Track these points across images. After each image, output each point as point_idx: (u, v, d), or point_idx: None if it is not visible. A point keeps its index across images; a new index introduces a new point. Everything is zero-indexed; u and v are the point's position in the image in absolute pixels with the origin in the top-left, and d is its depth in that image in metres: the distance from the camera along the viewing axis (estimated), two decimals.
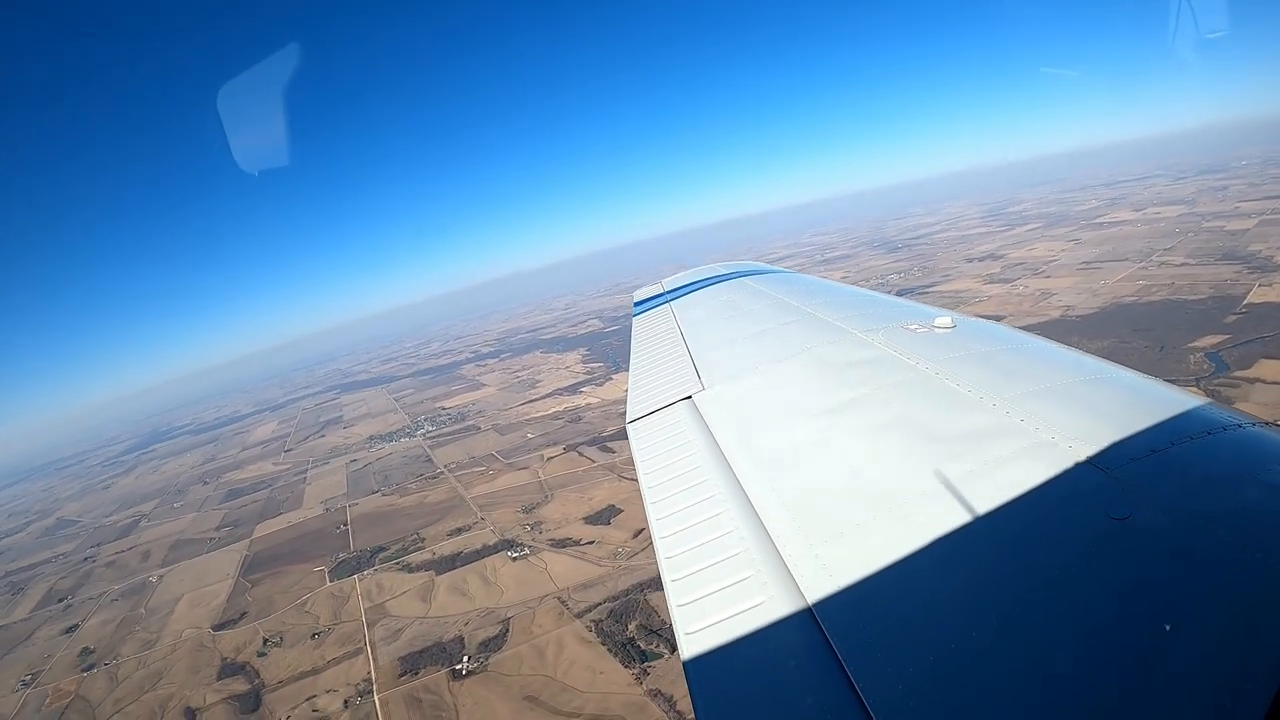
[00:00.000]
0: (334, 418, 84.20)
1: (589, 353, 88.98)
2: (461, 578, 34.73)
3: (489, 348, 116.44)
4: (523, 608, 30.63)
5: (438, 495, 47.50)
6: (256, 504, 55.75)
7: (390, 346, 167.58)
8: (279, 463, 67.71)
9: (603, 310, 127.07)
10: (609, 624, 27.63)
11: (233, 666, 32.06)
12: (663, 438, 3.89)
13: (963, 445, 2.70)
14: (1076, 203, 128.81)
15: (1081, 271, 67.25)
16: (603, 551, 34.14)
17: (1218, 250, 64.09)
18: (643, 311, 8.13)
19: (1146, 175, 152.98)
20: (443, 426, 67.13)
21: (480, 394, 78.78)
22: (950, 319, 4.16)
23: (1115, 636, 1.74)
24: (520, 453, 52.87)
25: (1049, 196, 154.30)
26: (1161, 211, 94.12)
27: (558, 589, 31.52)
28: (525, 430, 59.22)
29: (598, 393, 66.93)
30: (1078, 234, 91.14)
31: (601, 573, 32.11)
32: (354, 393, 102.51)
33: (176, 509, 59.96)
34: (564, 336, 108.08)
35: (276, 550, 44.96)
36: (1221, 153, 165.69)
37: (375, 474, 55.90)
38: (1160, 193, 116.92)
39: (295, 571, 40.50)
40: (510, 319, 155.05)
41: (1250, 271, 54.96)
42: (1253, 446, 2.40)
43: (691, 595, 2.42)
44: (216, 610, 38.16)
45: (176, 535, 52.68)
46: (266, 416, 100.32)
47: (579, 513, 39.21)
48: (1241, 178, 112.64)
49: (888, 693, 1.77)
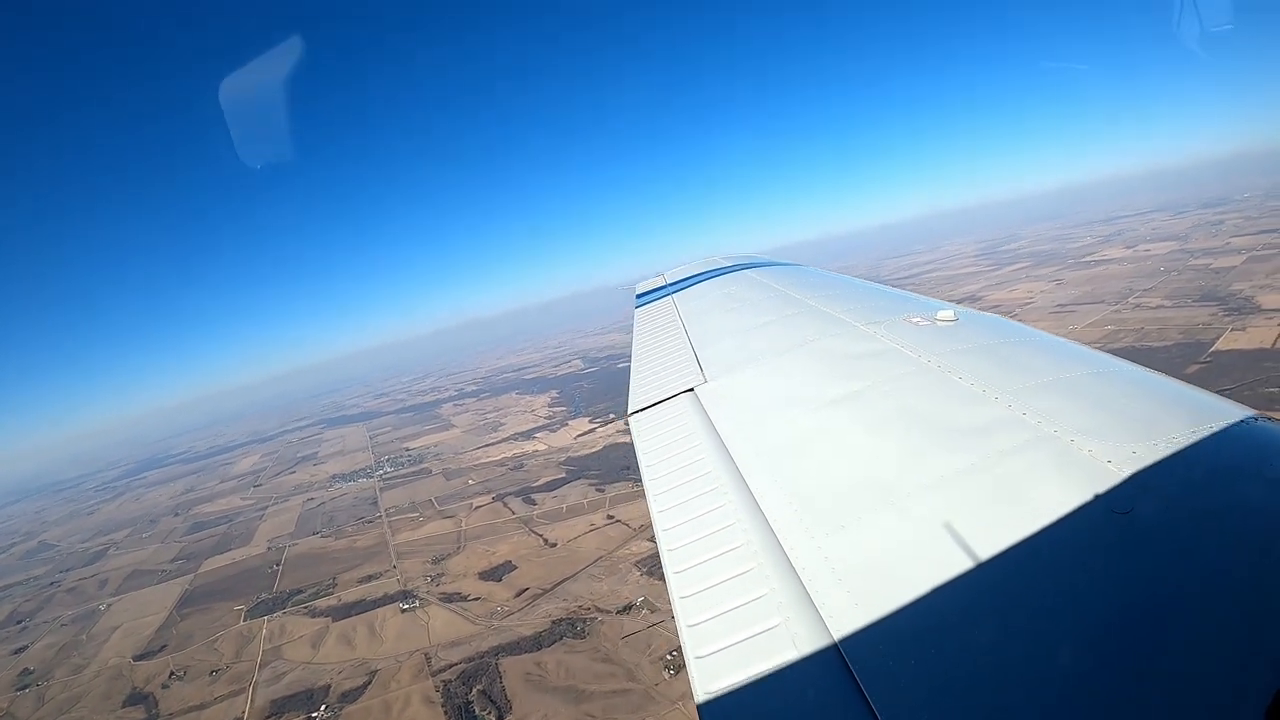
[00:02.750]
0: (310, 454, 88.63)
1: (558, 396, 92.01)
2: (353, 626, 37.22)
3: (474, 386, 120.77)
4: (392, 661, 32.91)
5: (367, 540, 50.39)
6: (213, 539, 59.46)
7: (390, 379, 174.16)
8: (246, 498, 71.79)
9: (589, 350, 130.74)
10: (456, 685, 29.68)
11: (138, 696, 34.96)
12: (664, 430, 3.94)
13: (965, 438, 2.71)
14: (1072, 240, 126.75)
15: (1054, 315, 66.13)
16: (483, 609, 36.33)
17: (1198, 290, 62.90)
18: (645, 304, 8.18)
19: (1149, 210, 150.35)
20: (400, 468, 70.46)
21: (446, 435, 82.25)
22: (953, 312, 4.18)
23: (1117, 631, 1.74)
24: (455, 500, 55.65)
25: (1047, 233, 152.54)
26: (1152, 249, 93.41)
27: (429, 645, 33.75)
28: (469, 476, 62.13)
29: (550, 439, 69.62)
30: (1062, 274, 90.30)
31: (473, 631, 34.26)
32: (339, 427, 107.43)
33: (144, 539, 64.12)
34: (544, 377, 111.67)
35: (213, 586, 48.20)
36: (1229, 183, 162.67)
37: (323, 515, 59.21)
38: (1157, 228, 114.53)
39: (219, 609, 43.57)
40: (505, 355, 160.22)
41: (1226, 314, 53.83)
42: (1256, 442, 2.37)
43: (694, 588, 2.44)
44: (143, 641, 41.27)
45: (135, 565, 56.52)
46: (253, 448, 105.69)
47: (478, 567, 41.59)
48: (1241, 211, 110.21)
49: (889, 684, 1.79)
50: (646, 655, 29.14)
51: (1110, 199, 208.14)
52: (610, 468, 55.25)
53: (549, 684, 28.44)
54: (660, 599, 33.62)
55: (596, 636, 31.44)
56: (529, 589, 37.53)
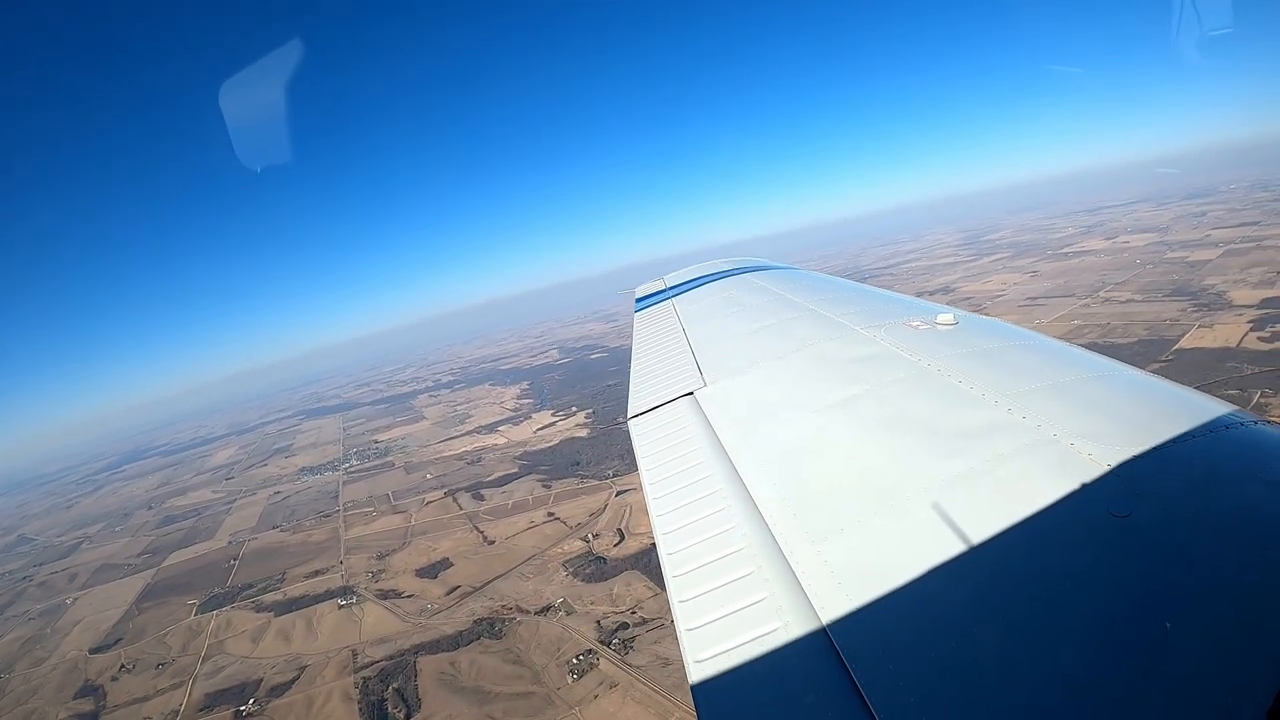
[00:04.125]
0: (284, 445, 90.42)
1: (528, 388, 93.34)
2: (292, 622, 39.02)
3: (451, 376, 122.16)
4: (323, 657, 34.68)
5: (321, 535, 52.14)
6: (181, 532, 61.40)
7: (373, 369, 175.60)
8: (217, 491, 73.68)
9: (567, 340, 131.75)
10: (374, 683, 31.37)
11: (89, 688, 36.92)
12: (664, 434, 3.96)
13: (965, 442, 2.72)
14: (1053, 230, 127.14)
15: (1023, 308, 65.95)
16: (413, 607, 38.03)
17: (1170, 285, 62.88)
18: (644, 307, 8.20)
19: (1133, 200, 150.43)
20: (366, 461, 72.16)
21: (415, 428, 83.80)
22: (953, 315, 4.20)
23: (1116, 634, 1.75)
24: (410, 494, 57.29)
25: (1030, 223, 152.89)
26: (1131, 240, 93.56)
27: (359, 641, 35.50)
28: (429, 470, 63.73)
29: (511, 432, 71.14)
30: (1039, 265, 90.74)
31: (401, 629, 35.96)
32: (316, 419, 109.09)
33: (116, 533, 66.12)
34: (519, 367, 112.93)
35: (173, 581, 50.10)
36: (1216, 175, 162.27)
37: (286, 509, 60.98)
38: (1140, 219, 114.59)
39: (174, 603, 45.48)
40: (486, 345, 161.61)
41: (1195, 309, 53.54)
42: (1255, 445, 2.39)
43: (693, 591, 2.45)
44: (101, 635, 43.21)
45: (105, 560, 58.54)
46: (232, 440, 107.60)
47: (417, 563, 43.28)
48: (1225, 203, 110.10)
49: (889, 689, 1.80)
50: (555, 658, 30.66)
51: (1100, 190, 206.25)
52: (562, 463, 56.75)
53: (459, 684, 30.08)
54: (578, 600, 35.25)
55: (512, 637, 33.03)
56: (460, 587, 39.18)
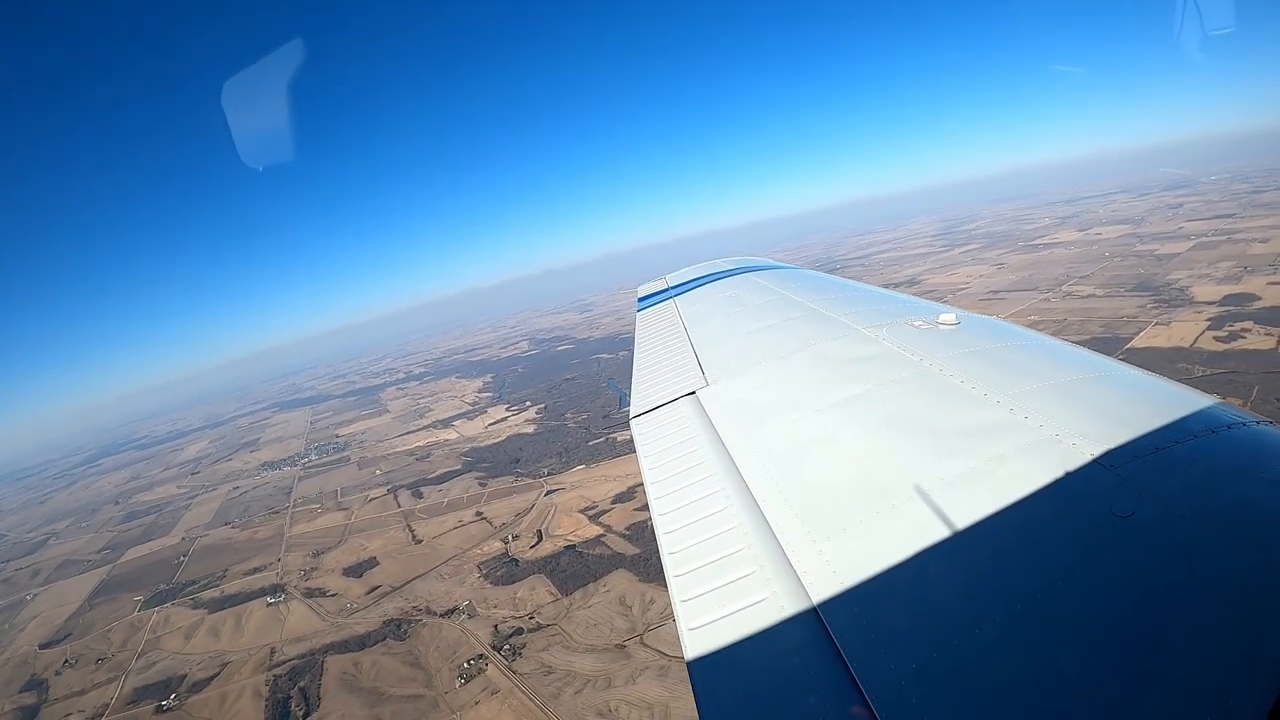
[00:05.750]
0: (252, 439, 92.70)
1: (491, 380, 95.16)
2: (223, 619, 41.43)
3: (422, 368, 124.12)
4: (244, 654, 37.05)
5: (266, 532, 54.48)
6: (141, 528, 63.88)
7: (352, 360, 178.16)
8: (182, 486, 76.13)
9: (539, 331, 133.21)
10: (284, 681, 33.52)
11: (35, 682, 39.45)
12: (666, 433, 3.99)
13: (966, 441, 2.74)
14: (1028, 221, 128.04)
15: (983, 302, 66.24)
16: (334, 606, 40.31)
17: (1134, 279, 63.07)
18: (646, 307, 8.26)
19: (1112, 191, 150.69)
20: (324, 456, 74.34)
21: (377, 422, 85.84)
22: (954, 315, 4.22)
23: (1118, 634, 1.75)
24: (355, 491, 59.53)
25: (1007, 213, 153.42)
26: (1103, 232, 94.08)
27: (279, 639, 37.84)
28: (379, 466, 65.93)
29: (464, 427, 73.14)
30: (1008, 257, 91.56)
31: (319, 627, 38.25)
32: (287, 411, 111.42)
33: (82, 528, 68.71)
34: (488, 360, 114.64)
35: (125, 577, 52.61)
36: (1201, 165, 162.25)
37: (240, 505, 63.36)
38: (1116, 210, 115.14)
39: (122, 600, 47.97)
40: (463, 335, 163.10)
41: (1155, 305, 53.76)
42: (1257, 445, 2.41)
43: (694, 591, 2.47)
44: (53, 630, 45.70)
45: (67, 555, 61.08)
46: (205, 434, 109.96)
47: (346, 562, 45.57)
48: (1203, 194, 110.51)
49: (890, 689, 1.80)
50: (450, 661, 32.40)
51: (1083, 180, 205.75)
52: (503, 460, 58.81)
53: (358, 684, 32.20)
54: (482, 603, 37.44)
55: (415, 639, 35.12)
56: (380, 586, 41.46)
